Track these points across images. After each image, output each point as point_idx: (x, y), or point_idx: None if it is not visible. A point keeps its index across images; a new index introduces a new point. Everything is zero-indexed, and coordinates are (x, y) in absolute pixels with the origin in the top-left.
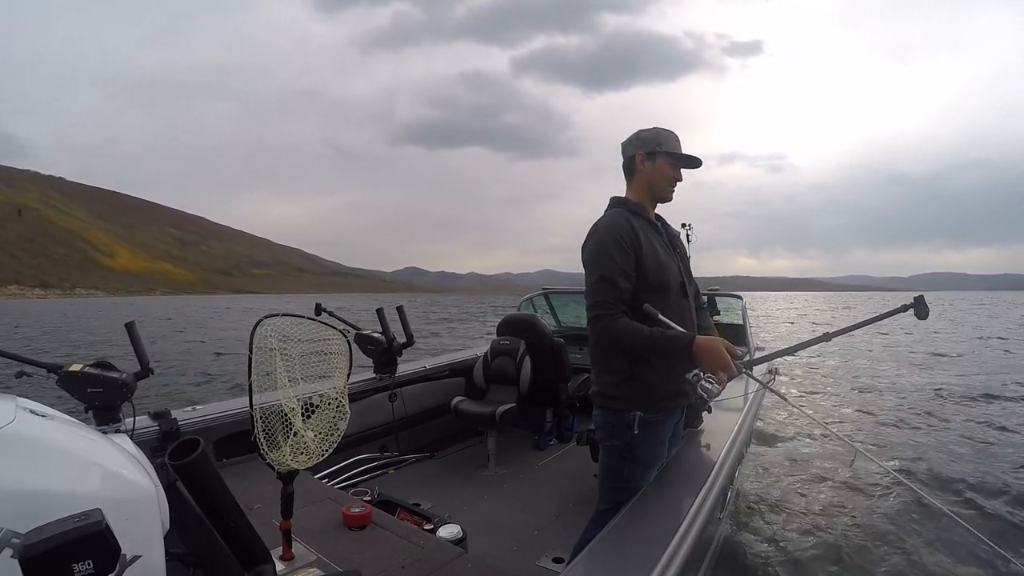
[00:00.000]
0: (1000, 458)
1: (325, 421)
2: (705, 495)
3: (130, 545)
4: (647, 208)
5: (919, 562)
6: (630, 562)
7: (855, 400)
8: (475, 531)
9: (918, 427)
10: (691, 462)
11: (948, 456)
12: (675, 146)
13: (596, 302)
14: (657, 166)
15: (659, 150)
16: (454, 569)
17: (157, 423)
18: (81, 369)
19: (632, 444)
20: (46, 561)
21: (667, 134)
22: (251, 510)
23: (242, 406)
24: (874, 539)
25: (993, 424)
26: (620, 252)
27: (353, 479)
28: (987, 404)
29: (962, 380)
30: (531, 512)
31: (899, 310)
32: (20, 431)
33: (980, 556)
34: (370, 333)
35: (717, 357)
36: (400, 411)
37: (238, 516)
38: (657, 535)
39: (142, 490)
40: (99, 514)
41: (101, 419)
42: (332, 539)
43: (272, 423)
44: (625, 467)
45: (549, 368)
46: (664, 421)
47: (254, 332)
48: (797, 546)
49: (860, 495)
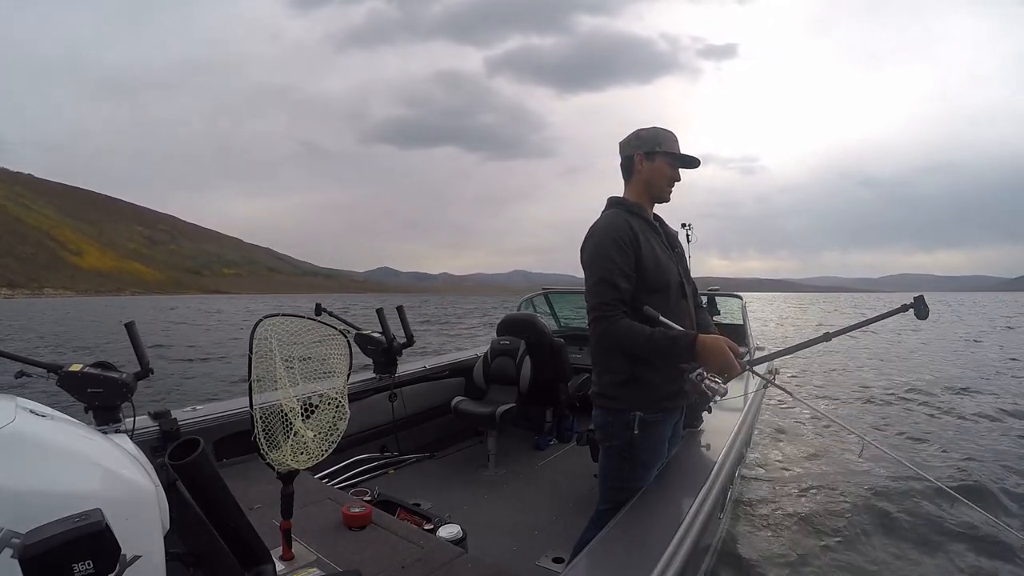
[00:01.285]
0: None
1: (325, 421)
2: (705, 495)
3: (130, 545)
4: (645, 208)
5: (924, 556)
6: (630, 562)
7: (853, 399)
8: (475, 531)
9: (918, 421)
10: (691, 462)
11: (955, 448)
12: (674, 146)
13: (597, 303)
14: (656, 166)
15: (658, 150)
16: (454, 569)
17: (157, 423)
18: (81, 369)
19: (632, 444)
20: (46, 561)
21: (666, 134)
22: (251, 510)
23: (242, 406)
24: (875, 537)
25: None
26: (620, 253)
27: (353, 479)
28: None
29: (955, 375)
30: (531, 512)
31: (899, 310)
32: (20, 431)
33: (997, 542)
34: (370, 333)
35: (720, 356)
36: (400, 411)
37: (238, 516)
38: (657, 535)
39: (142, 490)
40: (99, 514)
41: (101, 419)
42: (332, 539)
43: (272, 423)
44: (625, 467)
45: (549, 368)
46: (664, 421)
47: (254, 332)
48: (798, 546)
49: (861, 494)
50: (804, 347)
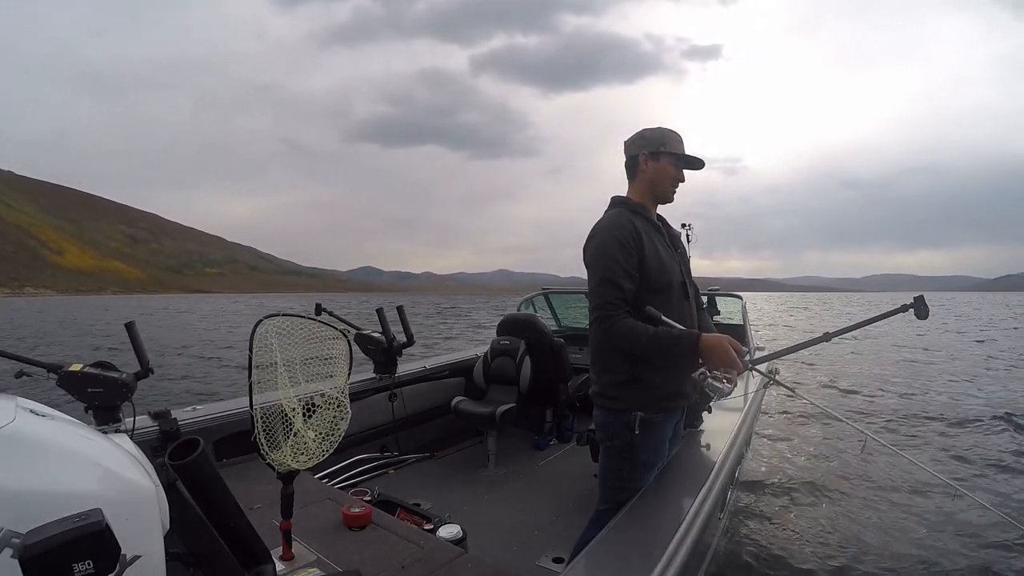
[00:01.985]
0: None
1: (326, 421)
2: (705, 495)
3: (130, 545)
4: (649, 208)
5: (927, 552)
6: (630, 562)
7: (855, 397)
8: (475, 531)
9: (920, 419)
10: (691, 462)
11: (955, 446)
12: (678, 146)
13: (600, 303)
14: (660, 166)
15: (663, 150)
16: (454, 569)
17: (157, 423)
18: (81, 369)
19: (632, 444)
20: (46, 561)
21: (671, 134)
22: (251, 510)
23: (242, 406)
24: (878, 535)
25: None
26: (623, 252)
27: (353, 479)
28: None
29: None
30: (531, 512)
31: (899, 310)
32: (20, 431)
33: (1001, 536)
34: (370, 333)
35: (723, 354)
36: (400, 411)
37: (238, 516)
38: (657, 535)
39: (142, 490)
40: (99, 514)
41: (101, 419)
42: (332, 539)
43: (273, 423)
44: (625, 467)
45: (549, 368)
46: (664, 421)
47: (254, 332)
48: (798, 546)
49: (862, 492)
50: (804, 347)
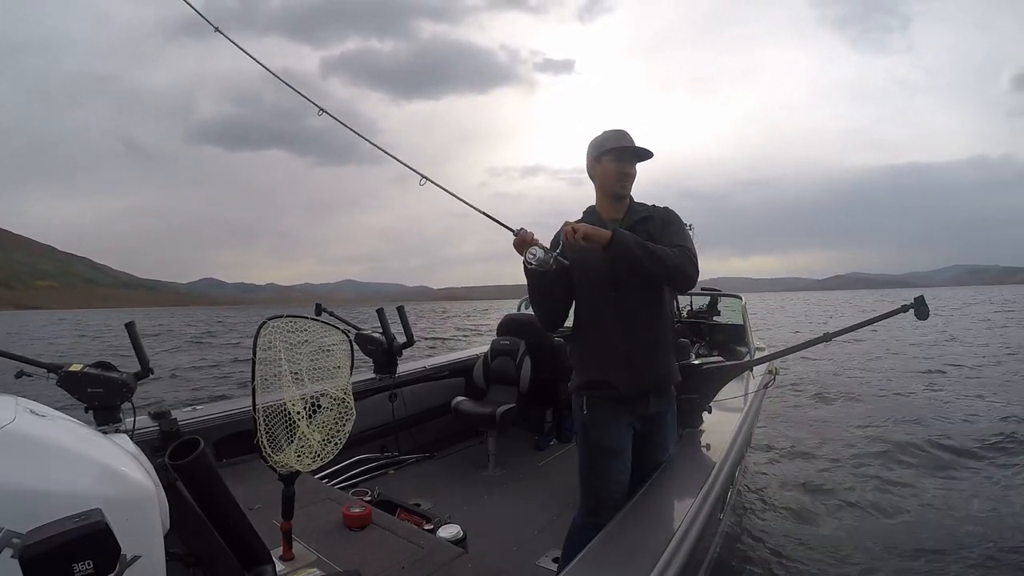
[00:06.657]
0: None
1: (330, 422)
2: (705, 495)
3: (130, 545)
4: (607, 209)
5: (928, 552)
6: (630, 562)
7: (853, 397)
8: (475, 531)
9: (919, 417)
10: (691, 462)
11: (957, 444)
12: (615, 143)
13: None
14: (604, 167)
15: (602, 150)
16: (454, 569)
17: (157, 423)
18: (81, 369)
19: (585, 426)
20: (46, 561)
21: (609, 134)
22: (251, 510)
23: (242, 406)
24: (879, 536)
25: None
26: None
27: (353, 479)
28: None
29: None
30: (531, 512)
31: (899, 310)
32: (20, 431)
33: (1003, 536)
34: (370, 333)
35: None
36: (400, 411)
37: (238, 516)
38: (657, 535)
39: (142, 490)
40: (99, 514)
41: (101, 419)
42: (332, 539)
43: (275, 425)
44: (586, 453)
45: (549, 368)
46: (614, 403)
47: (258, 335)
48: (799, 546)
49: (864, 493)
50: (804, 347)
